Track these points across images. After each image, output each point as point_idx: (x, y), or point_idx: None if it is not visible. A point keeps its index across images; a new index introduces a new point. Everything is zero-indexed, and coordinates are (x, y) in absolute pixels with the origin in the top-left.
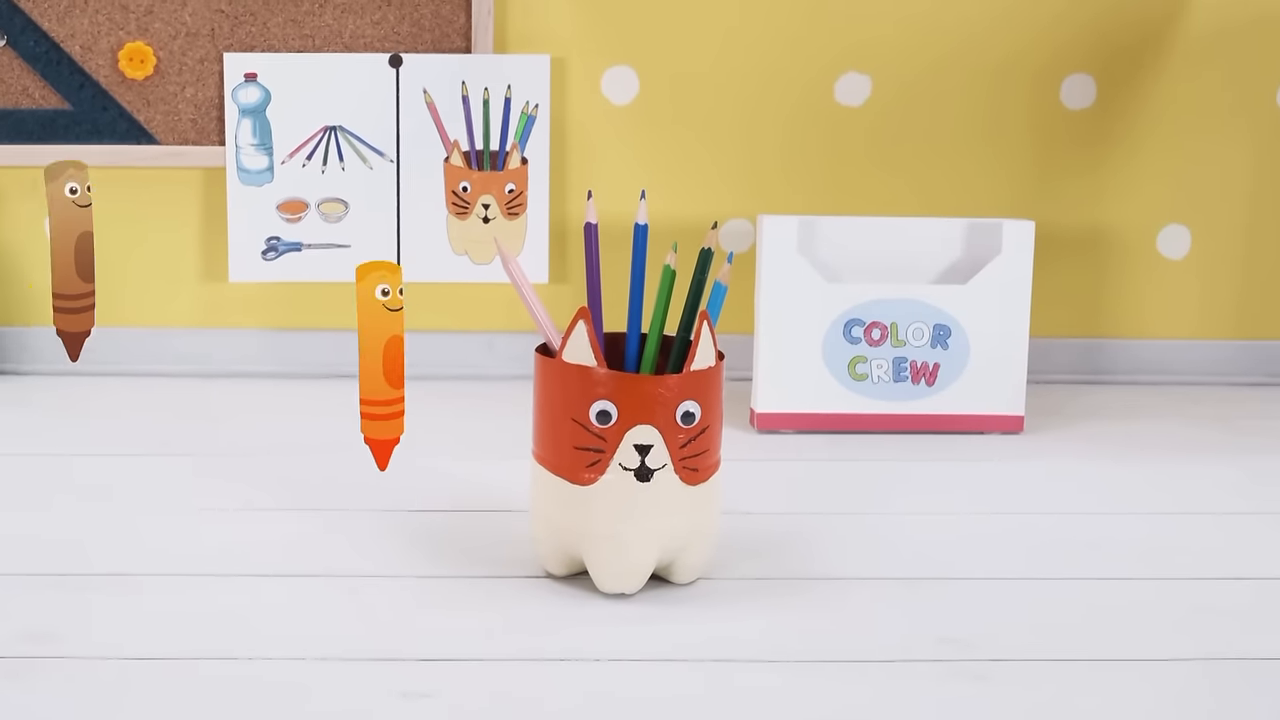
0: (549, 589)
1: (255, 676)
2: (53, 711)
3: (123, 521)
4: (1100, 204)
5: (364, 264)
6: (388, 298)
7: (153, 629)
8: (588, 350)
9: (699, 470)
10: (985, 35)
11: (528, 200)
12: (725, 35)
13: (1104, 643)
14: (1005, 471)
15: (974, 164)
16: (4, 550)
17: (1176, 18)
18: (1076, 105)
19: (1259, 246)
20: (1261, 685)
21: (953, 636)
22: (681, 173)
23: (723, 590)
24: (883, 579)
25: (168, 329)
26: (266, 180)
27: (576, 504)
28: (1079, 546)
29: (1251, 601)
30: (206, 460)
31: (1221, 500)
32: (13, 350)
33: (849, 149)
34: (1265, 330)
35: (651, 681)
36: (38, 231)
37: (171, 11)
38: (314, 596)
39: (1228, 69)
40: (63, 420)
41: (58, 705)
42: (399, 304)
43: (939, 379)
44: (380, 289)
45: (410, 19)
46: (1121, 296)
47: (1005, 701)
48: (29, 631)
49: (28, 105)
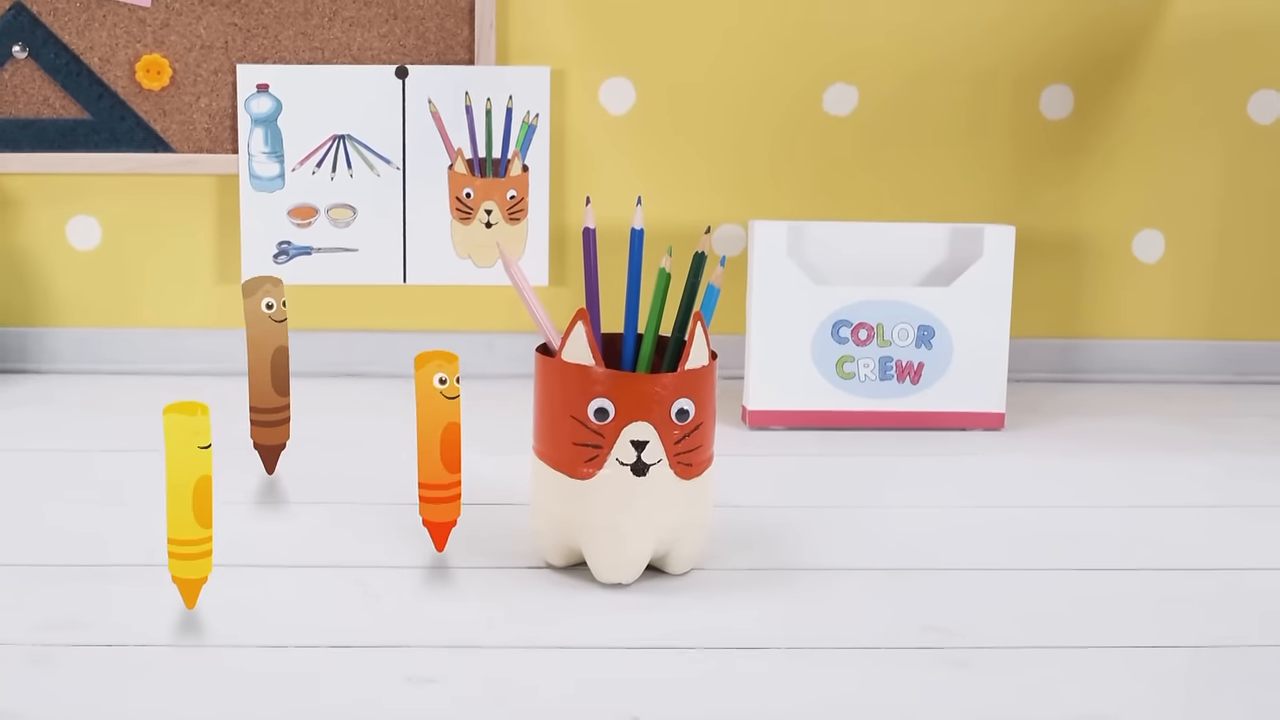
0: (549, 579)
1: (267, 663)
2: (74, 696)
3: (141, 514)
4: (1078, 210)
5: (422, 354)
6: (445, 386)
7: (169, 617)
8: (586, 350)
9: (693, 465)
10: (967, 48)
11: (528, 206)
12: (718, 48)
13: (1083, 631)
14: (987, 466)
15: (957, 171)
16: (27, 541)
17: (1151, 31)
18: (1055, 115)
19: (1230, 251)
20: (1236, 672)
21: (937, 625)
22: (676, 180)
23: (716, 580)
24: (869, 569)
25: (183, 329)
26: (278, 187)
27: (575, 498)
28: (1058, 538)
29: (1224, 591)
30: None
31: (1194, 494)
32: (35, 350)
33: (837, 157)
34: (1235, 331)
35: (647, 668)
36: (59, 236)
37: (187, 25)
38: (323, 586)
39: (1200, 81)
40: (83, 417)
41: (79, 690)
42: (456, 392)
43: (923, 378)
44: (438, 378)
45: (416, 32)
46: (1098, 298)
47: (987, 687)
48: (51, 620)
49: (49, 115)
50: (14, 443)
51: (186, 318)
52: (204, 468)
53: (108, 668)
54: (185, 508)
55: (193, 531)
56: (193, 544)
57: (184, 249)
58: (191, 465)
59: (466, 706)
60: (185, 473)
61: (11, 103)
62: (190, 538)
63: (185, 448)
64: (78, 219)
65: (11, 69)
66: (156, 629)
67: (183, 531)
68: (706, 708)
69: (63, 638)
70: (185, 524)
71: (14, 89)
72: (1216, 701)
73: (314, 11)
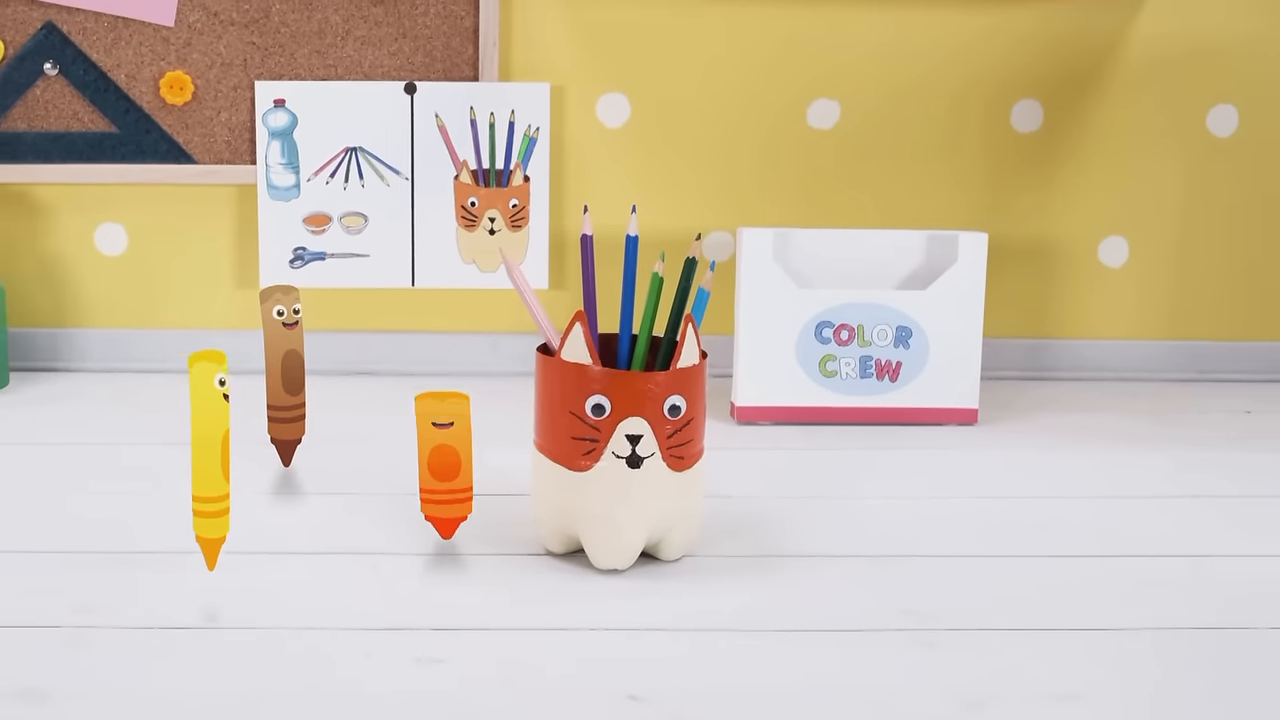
0: (549, 565)
1: (284, 645)
2: (103, 675)
3: (165, 504)
4: (1047, 217)
5: (421, 395)
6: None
7: (192, 602)
8: (584, 350)
9: (684, 458)
10: (943, 66)
11: (530, 214)
12: (708, 65)
13: (1052, 614)
14: (961, 459)
15: (933, 181)
16: (58, 530)
17: (1116, 50)
18: (1025, 128)
19: (1190, 256)
20: (1197, 653)
21: (913, 608)
22: (668, 189)
23: (706, 566)
24: (850, 556)
25: (205, 330)
26: (294, 196)
27: (574, 489)
28: (1028, 527)
29: (1186, 576)
30: (239, 448)
31: (1156, 485)
32: (65, 350)
33: (820, 168)
34: (1195, 331)
35: (642, 648)
36: (88, 242)
37: (208, 44)
38: (337, 572)
39: (1161, 96)
40: (111, 412)
41: (108, 670)
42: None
43: (901, 375)
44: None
45: (423, 50)
46: (1066, 301)
47: (960, 667)
48: (81, 604)
49: (78, 128)
50: (46, 436)
51: (208, 319)
52: (225, 421)
53: (134, 649)
54: (213, 461)
55: (217, 487)
56: (216, 501)
57: (205, 254)
58: (216, 416)
59: (473, 686)
60: (211, 425)
61: (43, 117)
62: (214, 494)
63: (211, 396)
64: (105, 226)
65: (43, 85)
66: (179, 613)
67: (208, 488)
68: (698, 685)
69: (92, 620)
70: (212, 480)
71: (45, 104)
72: (1178, 681)
73: (328, 31)
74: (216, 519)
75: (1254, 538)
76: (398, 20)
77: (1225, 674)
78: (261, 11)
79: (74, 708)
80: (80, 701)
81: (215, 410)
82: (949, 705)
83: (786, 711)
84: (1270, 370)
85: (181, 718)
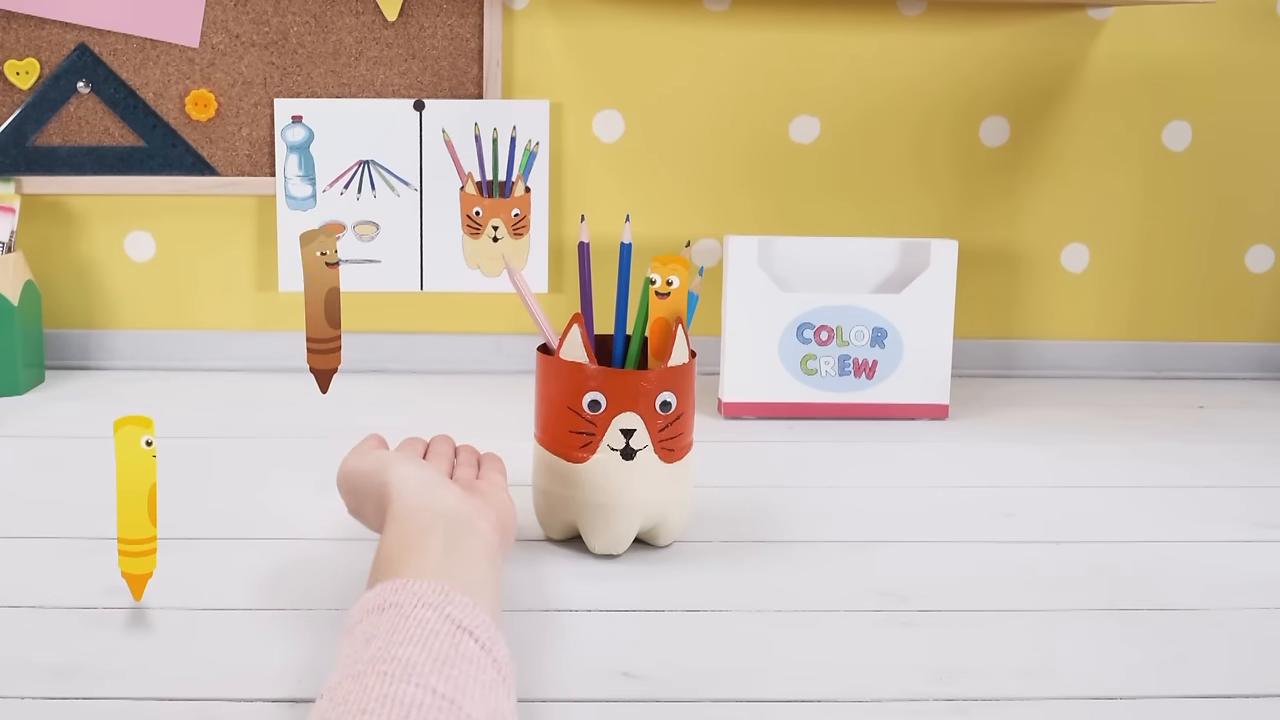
0: (549, 551)
1: (302, 622)
2: (132, 654)
3: (191, 493)
4: (1013, 226)
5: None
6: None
7: (216, 585)
8: (581, 349)
9: (675, 450)
10: (915, 84)
11: (530, 223)
12: (697, 84)
13: (1018, 596)
14: (933, 451)
15: (906, 192)
16: (90, 517)
17: (1078, 69)
18: (993, 143)
19: (1147, 262)
20: (1156, 632)
21: (889, 590)
22: (659, 199)
23: (695, 552)
24: (830, 542)
25: (228, 331)
26: (310, 206)
27: (571, 479)
28: (996, 515)
29: (1143, 560)
30: (262, 442)
31: (1116, 475)
32: (96, 349)
33: (801, 179)
34: (1152, 332)
35: (636, 628)
36: (118, 249)
37: (230, 64)
38: (353, 556)
39: (1120, 113)
40: (139, 409)
41: (136, 648)
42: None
43: (877, 373)
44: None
45: (431, 70)
46: (1031, 304)
47: (934, 644)
48: (111, 586)
49: (109, 143)
50: (78, 429)
51: (230, 321)
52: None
53: (160, 629)
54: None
55: (144, 530)
56: (143, 543)
57: (228, 260)
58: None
59: None
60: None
61: (76, 132)
62: (141, 537)
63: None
64: (134, 234)
65: (76, 102)
66: (203, 595)
67: (134, 532)
68: (688, 663)
69: (121, 601)
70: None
71: (78, 120)
72: (1136, 658)
73: (342, 52)
74: (143, 558)
75: (1205, 524)
76: (407, 42)
77: (1179, 650)
78: (280, 34)
79: (107, 685)
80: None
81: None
82: (923, 679)
83: (772, 685)
84: (1222, 369)
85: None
